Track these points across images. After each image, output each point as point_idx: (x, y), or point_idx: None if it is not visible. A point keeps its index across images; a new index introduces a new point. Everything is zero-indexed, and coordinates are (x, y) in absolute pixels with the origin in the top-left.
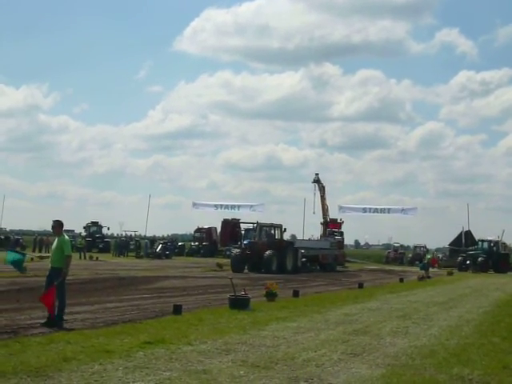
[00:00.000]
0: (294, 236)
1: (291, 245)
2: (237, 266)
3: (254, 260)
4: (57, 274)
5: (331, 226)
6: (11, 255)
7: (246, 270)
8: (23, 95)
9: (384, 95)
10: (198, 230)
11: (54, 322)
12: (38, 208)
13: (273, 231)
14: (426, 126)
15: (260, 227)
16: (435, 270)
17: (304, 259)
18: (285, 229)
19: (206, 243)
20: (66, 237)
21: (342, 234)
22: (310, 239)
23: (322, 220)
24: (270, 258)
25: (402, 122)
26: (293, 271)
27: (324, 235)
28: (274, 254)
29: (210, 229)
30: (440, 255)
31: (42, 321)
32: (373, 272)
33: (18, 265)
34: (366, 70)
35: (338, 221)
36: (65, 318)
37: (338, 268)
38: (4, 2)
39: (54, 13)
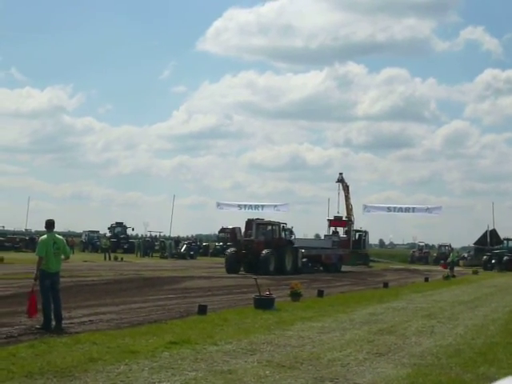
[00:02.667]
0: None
1: (290, 244)
2: (231, 267)
3: (250, 260)
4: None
5: (334, 224)
6: None
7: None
8: (48, 96)
9: (409, 94)
10: (223, 230)
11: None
12: (62, 209)
13: (270, 229)
14: (452, 124)
15: (256, 225)
16: (460, 269)
17: (305, 259)
18: (291, 227)
19: (230, 243)
20: (41, 237)
21: (348, 232)
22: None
23: (346, 220)
24: (268, 257)
25: (427, 120)
26: (292, 272)
27: (348, 235)
28: (271, 253)
29: (234, 229)
30: (465, 254)
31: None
32: (398, 271)
33: None
34: (390, 68)
35: (344, 218)
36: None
37: (354, 268)
38: (29, 4)
39: (78, 14)
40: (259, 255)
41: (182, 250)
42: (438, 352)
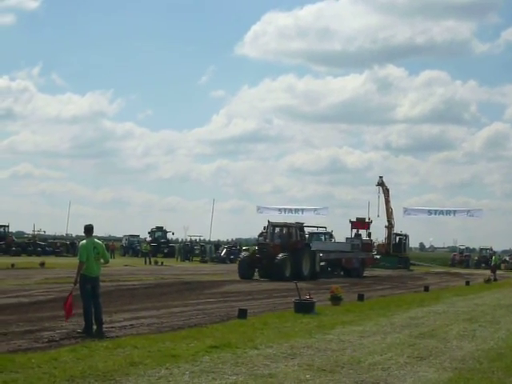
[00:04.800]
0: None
1: (308, 247)
2: (245, 272)
3: (264, 264)
4: None
5: (357, 226)
6: None
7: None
8: (88, 102)
9: (449, 96)
10: (262, 234)
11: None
12: (103, 214)
13: (287, 231)
14: (492, 126)
15: (272, 227)
16: (502, 272)
17: (323, 263)
18: (331, 231)
19: None
20: (82, 242)
21: (370, 234)
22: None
23: (386, 223)
24: (283, 261)
25: (467, 123)
26: (310, 277)
27: (389, 239)
28: (287, 257)
29: None
30: (507, 257)
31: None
32: (438, 275)
33: None
34: (430, 71)
35: (367, 220)
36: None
37: (394, 272)
38: (70, 10)
39: (116, 20)
40: (274, 259)
41: (222, 254)
42: (479, 356)
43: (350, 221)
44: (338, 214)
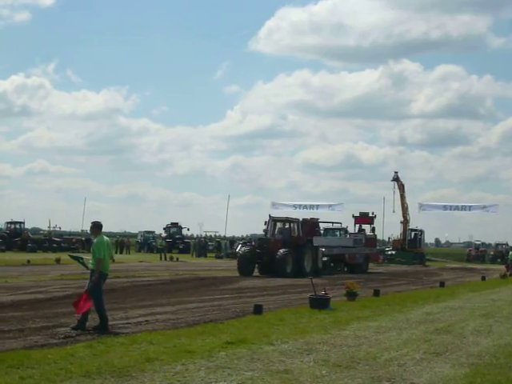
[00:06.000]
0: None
1: (310, 243)
2: (244, 268)
3: (264, 260)
4: (91, 277)
5: (360, 221)
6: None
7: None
8: (104, 99)
9: (464, 91)
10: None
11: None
12: (118, 210)
13: (288, 226)
14: (508, 121)
15: (273, 221)
16: None
17: (325, 258)
18: (346, 227)
19: None
20: (99, 239)
21: (373, 229)
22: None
23: (401, 219)
24: (284, 257)
25: (483, 118)
26: (312, 273)
27: (404, 234)
28: (288, 253)
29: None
30: None
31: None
32: (454, 270)
33: (83, 264)
34: (445, 65)
35: (370, 215)
36: (109, 324)
37: (410, 267)
38: (85, 7)
39: (132, 16)
40: (275, 255)
41: (237, 250)
42: (496, 352)
43: (353, 216)
44: (353, 210)
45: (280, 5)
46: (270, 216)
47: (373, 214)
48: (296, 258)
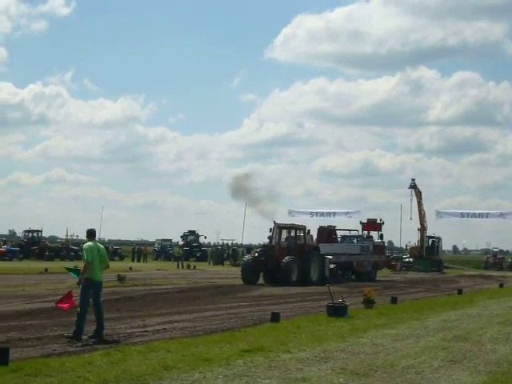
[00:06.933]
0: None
1: (317, 250)
2: (248, 276)
3: (269, 268)
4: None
5: (367, 228)
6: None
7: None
8: (121, 107)
9: (482, 98)
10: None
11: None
12: (135, 218)
13: (294, 233)
14: None
15: (278, 228)
16: None
17: (333, 265)
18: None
19: None
20: (88, 244)
21: (382, 236)
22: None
23: (419, 226)
24: (289, 265)
25: (500, 124)
26: (319, 281)
27: (421, 241)
28: (294, 260)
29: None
30: None
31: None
32: (472, 278)
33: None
34: (462, 72)
35: (378, 221)
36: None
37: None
38: (102, 16)
39: (148, 25)
40: (280, 263)
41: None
42: None
43: (361, 222)
44: (370, 217)
45: (296, 12)
46: (275, 223)
47: (381, 220)
48: (302, 265)
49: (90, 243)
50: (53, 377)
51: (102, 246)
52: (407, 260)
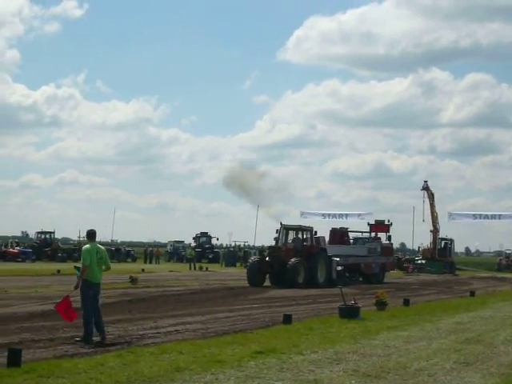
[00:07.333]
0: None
1: (324, 252)
2: (254, 278)
3: (275, 270)
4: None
5: (375, 229)
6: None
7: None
8: (133, 109)
9: (495, 99)
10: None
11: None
12: (147, 220)
13: (300, 234)
14: None
15: (285, 230)
16: None
17: (340, 267)
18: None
19: None
20: (87, 246)
21: (390, 237)
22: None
23: (431, 228)
24: (296, 267)
25: None
26: (326, 284)
27: (434, 243)
28: (300, 262)
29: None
30: None
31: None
32: (484, 279)
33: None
34: (475, 74)
35: (386, 222)
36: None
37: (440, 276)
38: (114, 18)
39: (160, 27)
40: (286, 264)
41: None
42: None
43: (369, 223)
44: (382, 219)
45: (308, 14)
46: (281, 224)
47: (389, 221)
48: (308, 267)
49: (88, 246)
50: (65, 378)
51: (101, 248)
52: (420, 262)
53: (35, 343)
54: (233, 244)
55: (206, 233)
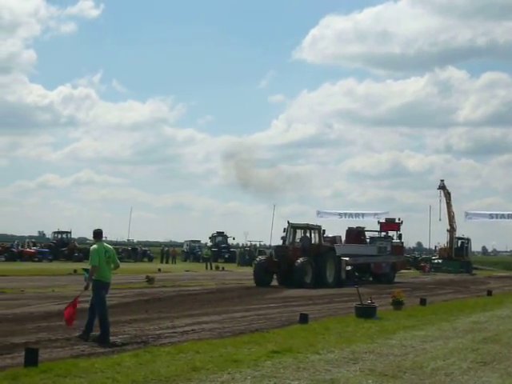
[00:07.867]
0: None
1: (332, 251)
2: (261, 278)
3: (282, 269)
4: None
5: (386, 228)
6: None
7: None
8: (149, 109)
9: (511, 98)
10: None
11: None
12: (164, 219)
13: (308, 233)
14: None
15: (292, 229)
16: None
17: (349, 267)
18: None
19: None
20: (94, 246)
21: (400, 236)
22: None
23: (448, 227)
24: (303, 266)
25: None
26: (335, 284)
27: (450, 243)
28: (308, 261)
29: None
30: None
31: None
32: (501, 279)
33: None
34: (491, 72)
35: (397, 221)
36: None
37: (456, 276)
38: (130, 18)
39: (177, 27)
40: (294, 264)
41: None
42: None
43: (379, 222)
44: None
45: (324, 13)
46: (288, 223)
47: (399, 219)
48: (316, 267)
49: (95, 246)
50: (82, 377)
51: (109, 247)
52: (436, 261)
53: (52, 343)
54: (248, 244)
55: (222, 232)
